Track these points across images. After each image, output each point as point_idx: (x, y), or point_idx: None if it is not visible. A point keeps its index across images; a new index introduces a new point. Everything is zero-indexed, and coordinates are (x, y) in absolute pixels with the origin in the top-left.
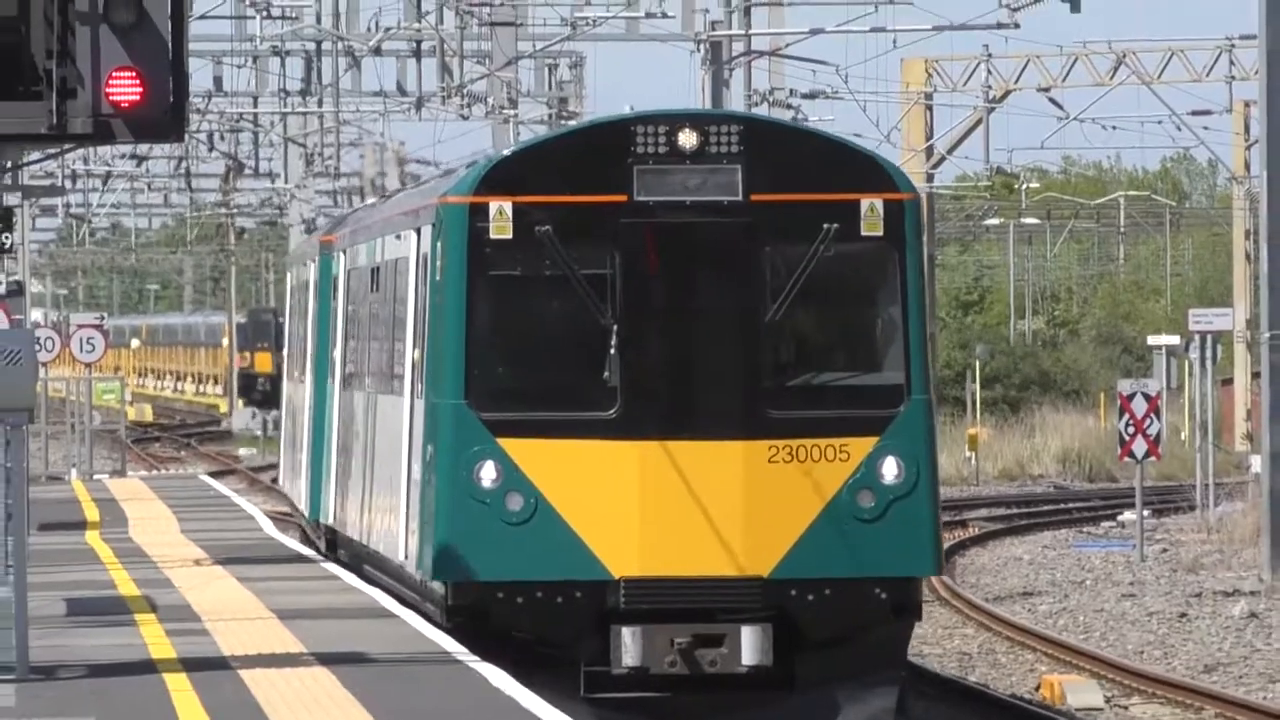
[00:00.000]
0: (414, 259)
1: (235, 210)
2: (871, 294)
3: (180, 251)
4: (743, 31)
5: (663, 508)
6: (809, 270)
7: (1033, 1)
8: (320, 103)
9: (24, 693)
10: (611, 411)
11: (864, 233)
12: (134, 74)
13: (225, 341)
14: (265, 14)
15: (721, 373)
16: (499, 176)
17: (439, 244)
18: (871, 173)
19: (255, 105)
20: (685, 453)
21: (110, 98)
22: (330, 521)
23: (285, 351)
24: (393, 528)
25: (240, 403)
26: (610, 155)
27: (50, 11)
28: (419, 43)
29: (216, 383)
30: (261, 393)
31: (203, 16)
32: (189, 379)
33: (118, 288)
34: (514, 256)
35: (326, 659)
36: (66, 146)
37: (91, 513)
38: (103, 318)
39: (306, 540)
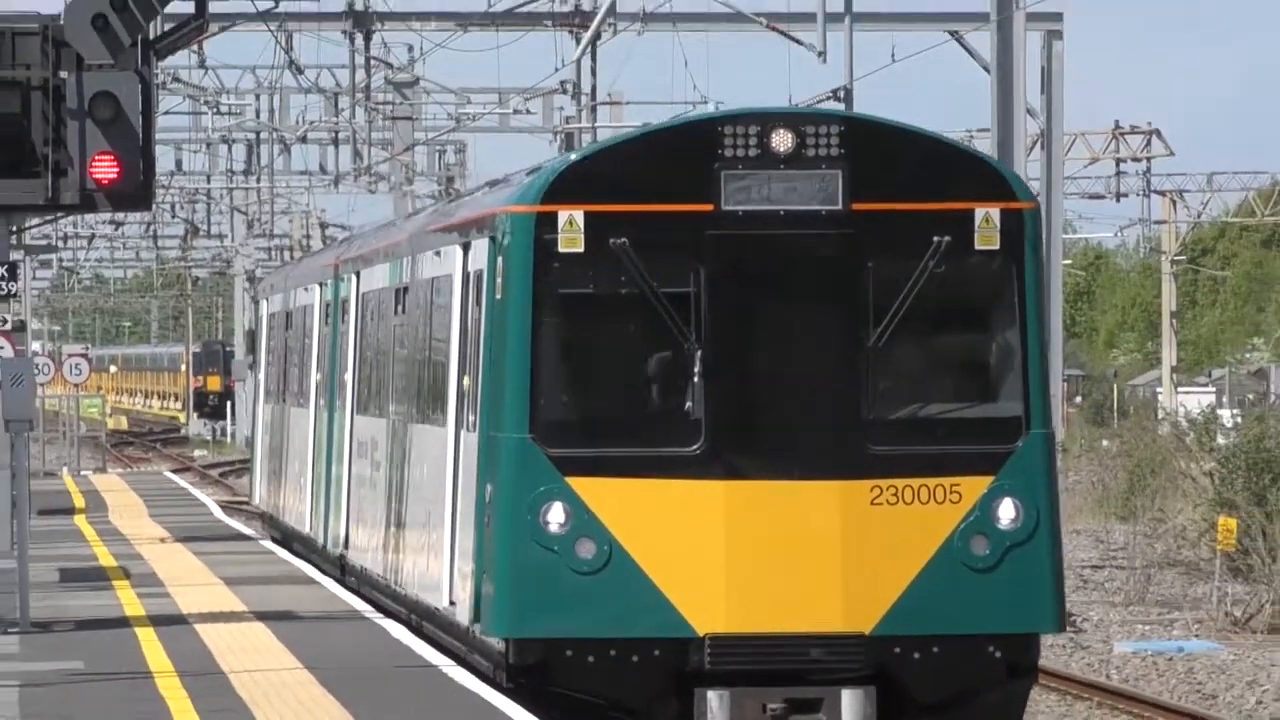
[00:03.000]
0: (459, 276)
1: (191, 263)
2: (986, 315)
3: (148, 296)
4: (590, 124)
5: (752, 556)
6: (917, 289)
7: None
8: (259, 180)
9: (26, 642)
10: (695, 447)
11: (978, 246)
12: (112, 157)
13: (183, 367)
14: (215, 111)
15: (818, 404)
16: (570, 182)
17: (500, 258)
18: (987, 178)
19: (208, 182)
20: (777, 494)
21: (94, 176)
22: (343, 550)
23: (261, 374)
24: (432, 569)
25: (195, 415)
26: (695, 159)
27: (46, 108)
28: (336, 133)
29: (176, 399)
30: (211, 407)
31: (166, 112)
32: (155, 396)
33: (99, 324)
34: (586, 272)
35: (262, 615)
36: (59, 215)
37: (79, 501)
38: (87, 348)
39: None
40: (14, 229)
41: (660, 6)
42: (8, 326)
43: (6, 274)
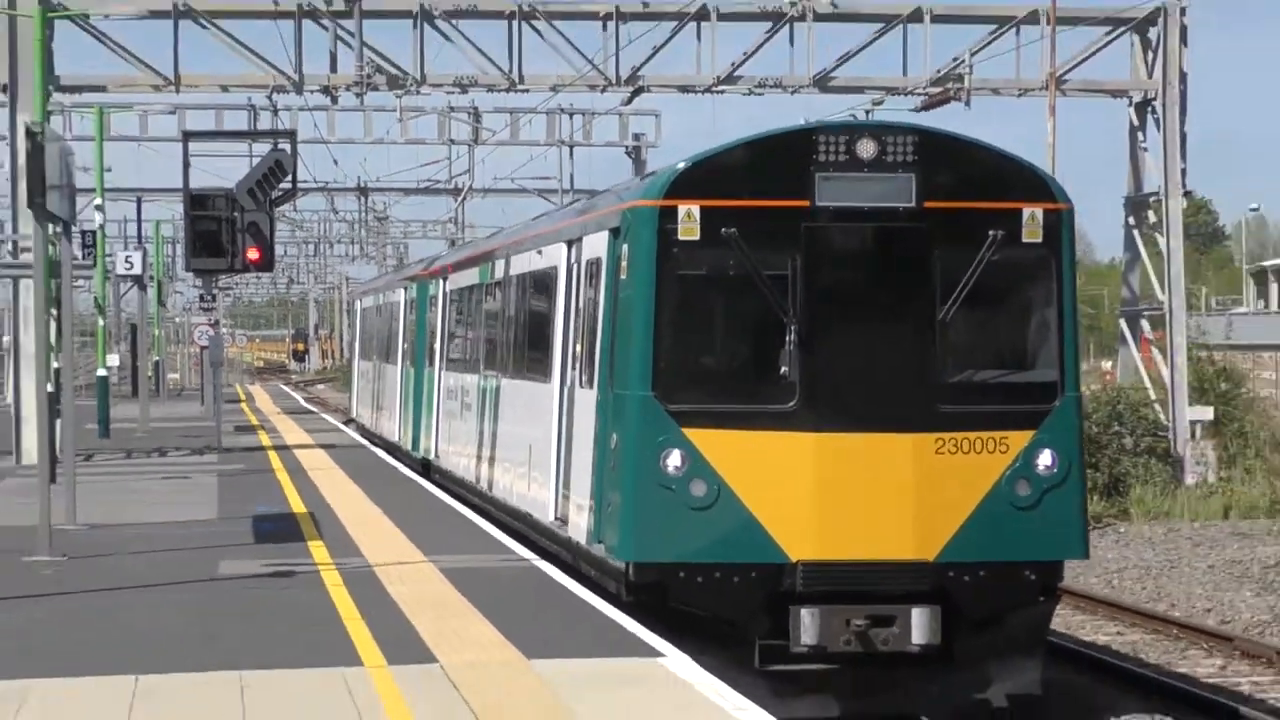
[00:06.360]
0: (564, 267)
1: (289, 295)
2: (1029, 297)
3: (271, 309)
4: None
5: (837, 495)
6: (976, 273)
7: None
8: (319, 258)
9: (221, 457)
10: (790, 404)
11: (1024, 239)
12: (256, 249)
13: (286, 339)
14: (299, 227)
15: (895, 369)
16: (686, 182)
17: (625, 245)
18: (1033, 183)
19: (298, 259)
20: (859, 444)
21: (247, 257)
22: (431, 456)
23: (358, 343)
24: (533, 488)
25: (292, 360)
26: (793, 163)
27: (227, 228)
28: (351, 239)
29: (283, 353)
30: (300, 357)
31: (277, 229)
32: (274, 352)
33: (250, 320)
34: (701, 257)
35: (322, 445)
36: (232, 272)
37: (242, 396)
38: (246, 332)
39: (362, 432)
40: (215, 280)
41: (494, 184)
42: (213, 321)
43: (211, 299)
